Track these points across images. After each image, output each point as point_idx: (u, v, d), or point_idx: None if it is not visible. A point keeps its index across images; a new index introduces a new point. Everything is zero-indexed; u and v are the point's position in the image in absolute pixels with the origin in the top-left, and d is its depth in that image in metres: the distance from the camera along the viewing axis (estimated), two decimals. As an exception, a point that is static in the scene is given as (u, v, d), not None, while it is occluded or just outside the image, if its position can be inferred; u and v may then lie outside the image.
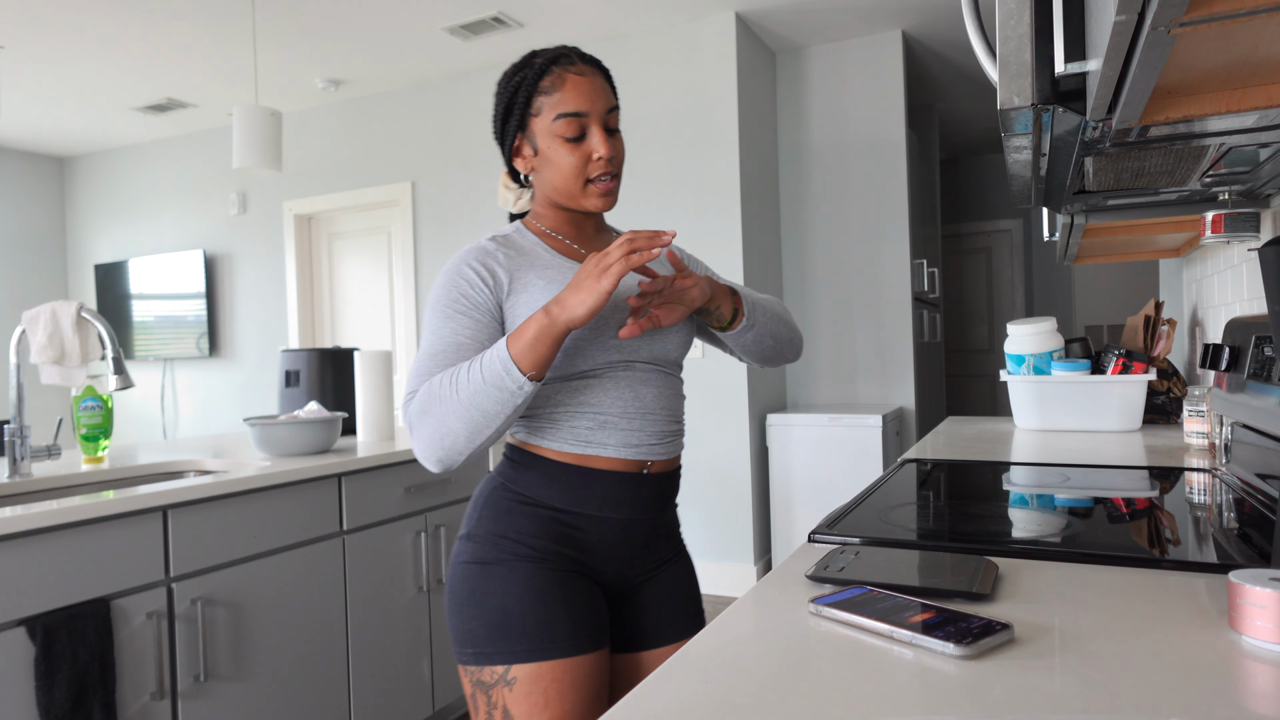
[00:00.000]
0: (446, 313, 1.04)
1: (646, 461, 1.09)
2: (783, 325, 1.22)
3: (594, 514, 1.07)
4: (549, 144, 1.07)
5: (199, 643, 1.65)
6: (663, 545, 1.16)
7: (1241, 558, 0.84)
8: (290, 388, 2.50)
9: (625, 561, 1.11)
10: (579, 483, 1.06)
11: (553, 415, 1.07)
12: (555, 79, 1.06)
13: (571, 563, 1.07)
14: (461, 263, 1.06)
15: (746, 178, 3.82)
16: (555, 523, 1.06)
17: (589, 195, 1.09)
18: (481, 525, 1.08)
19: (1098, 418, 1.98)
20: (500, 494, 1.09)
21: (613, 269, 0.94)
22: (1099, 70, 0.60)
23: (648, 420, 1.08)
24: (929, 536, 0.97)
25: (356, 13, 3.66)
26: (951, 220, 6.58)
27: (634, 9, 3.68)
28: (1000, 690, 0.55)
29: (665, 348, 1.12)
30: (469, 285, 1.04)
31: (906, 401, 4.04)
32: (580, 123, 1.06)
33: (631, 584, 1.14)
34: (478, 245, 1.08)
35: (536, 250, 1.11)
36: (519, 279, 1.06)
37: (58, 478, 1.88)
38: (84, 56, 4.07)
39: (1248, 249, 1.55)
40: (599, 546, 1.08)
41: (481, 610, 1.04)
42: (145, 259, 5.54)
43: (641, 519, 1.10)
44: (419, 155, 4.59)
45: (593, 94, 1.07)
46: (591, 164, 1.08)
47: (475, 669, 1.04)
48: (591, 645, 1.05)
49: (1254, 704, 0.52)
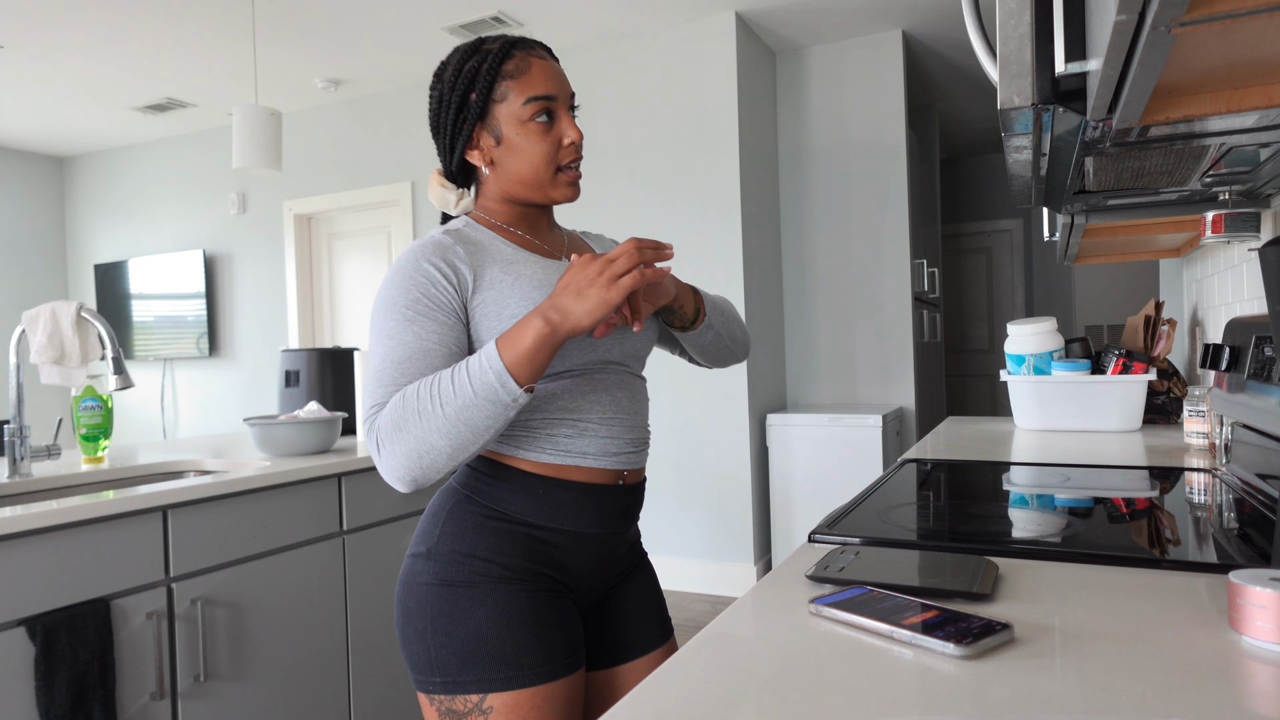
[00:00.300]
0: (407, 315, 0.94)
1: (623, 472, 1.06)
2: (736, 325, 1.20)
3: (569, 529, 1.02)
4: (516, 131, 1.01)
5: (199, 643, 1.65)
6: (627, 555, 1.13)
7: (1241, 558, 0.84)
8: (290, 388, 2.50)
9: (594, 577, 1.08)
10: (556, 496, 1.01)
11: (529, 423, 1.00)
12: (520, 62, 1.01)
13: (548, 581, 1.01)
14: (418, 258, 0.96)
15: (746, 178, 3.82)
16: (528, 539, 1.00)
17: (558, 184, 1.04)
18: (445, 542, 0.99)
19: (1098, 418, 1.98)
20: (465, 508, 1.01)
21: (623, 282, 0.89)
22: (1099, 70, 0.60)
23: (624, 426, 1.05)
24: (929, 536, 0.97)
25: (356, 13, 3.66)
26: (951, 220, 6.58)
27: (634, 9, 3.68)
28: (1000, 690, 0.55)
29: (635, 346, 1.08)
30: (430, 284, 0.95)
31: (906, 401, 4.04)
32: (550, 107, 1.02)
33: (600, 597, 1.11)
34: (431, 239, 0.99)
35: (495, 244, 1.03)
36: (482, 275, 0.98)
37: (58, 478, 1.88)
38: (84, 56, 4.07)
39: (1248, 249, 1.55)
40: (574, 562, 1.04)
41: (451, 638, 0.96)
42: (145, 259, 5.54)
43: (613, 534, 1.07)
44: (419, 155, 4.59)
45: (559, 79, 1.03)
46: (563, 150, 1.03)
47: (445, 698, 0.97)
48: (569, 668, 1.00)
49: (1254, 704, 0.52)
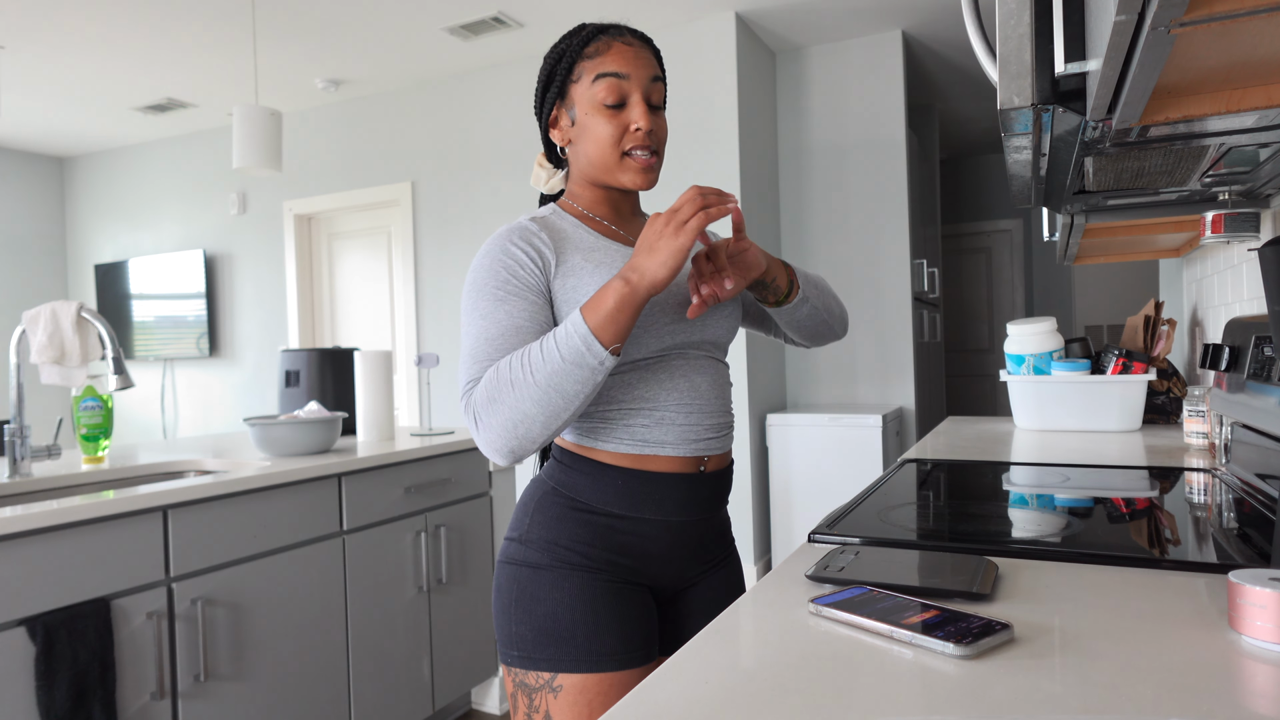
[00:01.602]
0: (498, 295, 0.97)
1: (704, 458, 1.05)
2: (832, 299, 1.19)
3: (650, 518, 1.03)
4: (587, 111, 1.02)
5: (199, 643, 1.65)
6: (715, 546, 1.11)
7: (1241, 558, 0.84)
8: (290, 388, 2.50)
9: (679, 565, 1.07)
10: (635, 487, 1.02)
11: (605, 414, 1.02)
12: (601, 45, 1.02)
13: (625, 572, 1.03)
14: (505, 241, 1.00)
15: (746, 178, 3.82)
16: (609, 530, 1.02)
17: (625, 169, 1.03)
18: (533, 530, 1.04)
19: (1098, 418, 1.98)
20: (551, 499, 1.04)
21: (689, 225, 0.88)
22: (1099, 70, 0.60)
23: (704, 413, 1.04)
24: (929, 536, 0.97)
25: (356, 13, 3.66)
26: (951, 220, 6.57)
27: (634, 9, 3.68)
28: (1000, 690, 0.55)
29: (716, 330, 1.07)
30: (518, 265, 0.98)
31: (906, 401, 4.04)
32: (620, 87, 1.01)
33: (682, 587, 1.10)
34: (518, 225, 1.02)
35: (577, 232, 1.05)
36: (564, 261, 1.00)
37: (58, 478, 1.88)
38: (84, 56, 4.07)
39: (1248, 249, 1.55)
40: (654, 552, 1.04)
41: (530, 615, 1.01)
42: (145, 259, 5.54)
43: (697, 521, 1.06)
44: (419, 155, 4.59)
45: (636, 60, 1.02)
46: (629, 135, 1.02)
47: (520, 671, 1.01)
48: (640, 659, 1.01)
49: (1254, 704, 0.52)
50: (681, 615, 1.12)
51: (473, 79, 4.41)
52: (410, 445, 2.23)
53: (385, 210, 4.85)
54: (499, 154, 4.33)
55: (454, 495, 2.35)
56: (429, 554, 2.25)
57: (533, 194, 4.26)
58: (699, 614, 1.12)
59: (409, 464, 2.20)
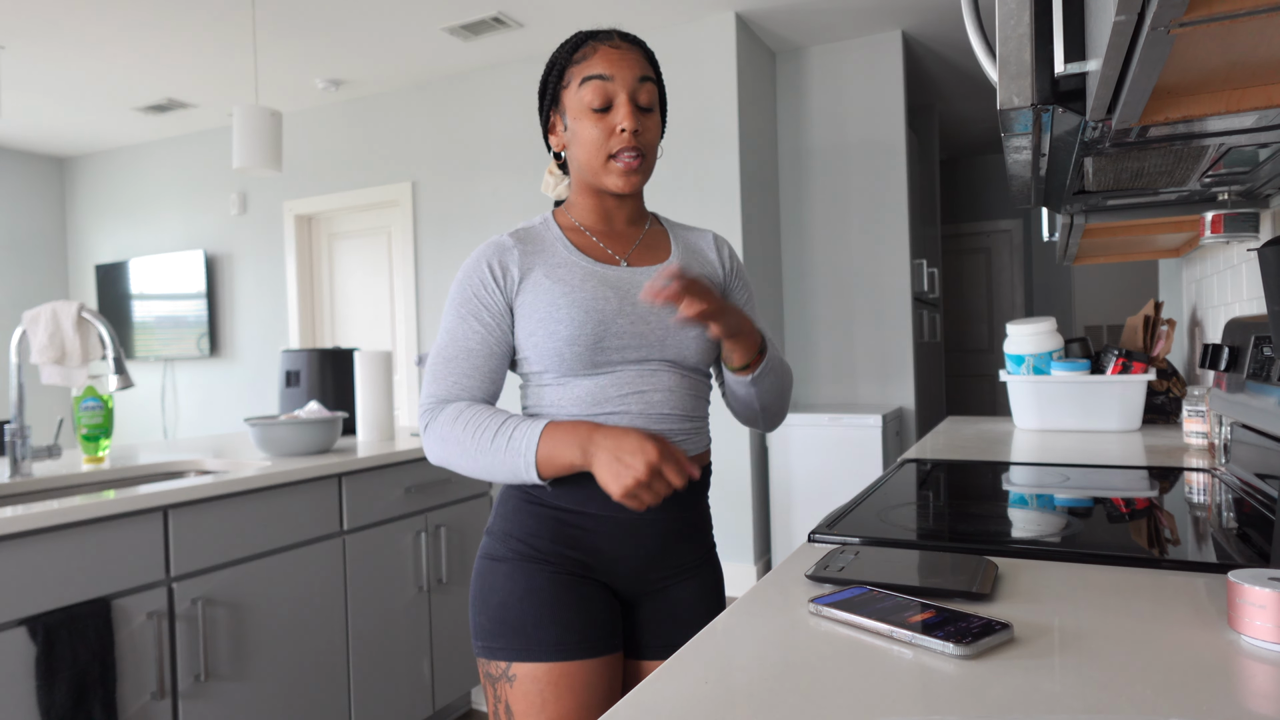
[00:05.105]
0: (460, 312, 1.06)
1: None
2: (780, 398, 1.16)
3: (595, 513, 1.04)
4: (575, 116, 1.05)
5: (199, 643, 1.65)
6: (685, 548, 1.10)
7: (1241, 558, 0.84)
8: (290, 388, 2.50)
9: (641, 563, 1.07)
10: (582, 480, 1.04)
11: (555, 416, 1.06)
12: (588, 49, 1.05)
13: (575, 565, 1.05)
14: (480, 259, 1.06)
15: (746, 178, 3.82)
16: (559, 523, 1.05)
17: (609, 172, 1.04)
18: (496, 523, 1.10)
19: (1097, 418, 1.98)
20: (510, 492, 1.09)
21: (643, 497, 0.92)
22: (1099, 70, 0.60)
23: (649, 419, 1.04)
24: (929, 536, 0.97)
25: (356, 13, 3.66)
26: (951, 220, 6.58)
27: (634, 9, 3.68)
28: (1000, 690, 0.55)
29: (680, 350, 1.07)
30: (482, 286, 1.05)
31: (906, 401, 4.04)
32: (606, 89, 1.02)
33: (649, 588, 1.10)
34: (497, 240, 1.08)
35: (555, 246, 1.08)
36: (528, 277, 1.05)
37: (58, 478, 1.88)
38: (84, 56, 4.07)
39: (1247, 249, 1.55)
40: (604, 548, 1.05)
41: (487, 605, 1.05)
42: (145, 259, 5.54)
43: (653, 518, 1.06)
44: (419, 155, 4.59)
45: (621, 61, 1.03)
46: (615, 137, 1.03)
47: (484, 661, 1.06)
48: (588, 651, 1.02)
49: (1254, 704, 0.52)
50: (641, 621, 1.11)
51: (473, 79, 4.41)
52: (410, 445, 2.23)
53: (385, 210, 4.85)
54: (499, 154, 4.33)
55: (454, 495, 2.35)
56: (429, 554, 2.25)
57: (534, 194, 4.26)
58: (663, 620, 1.11)
59: (409, 464, 2.20)
